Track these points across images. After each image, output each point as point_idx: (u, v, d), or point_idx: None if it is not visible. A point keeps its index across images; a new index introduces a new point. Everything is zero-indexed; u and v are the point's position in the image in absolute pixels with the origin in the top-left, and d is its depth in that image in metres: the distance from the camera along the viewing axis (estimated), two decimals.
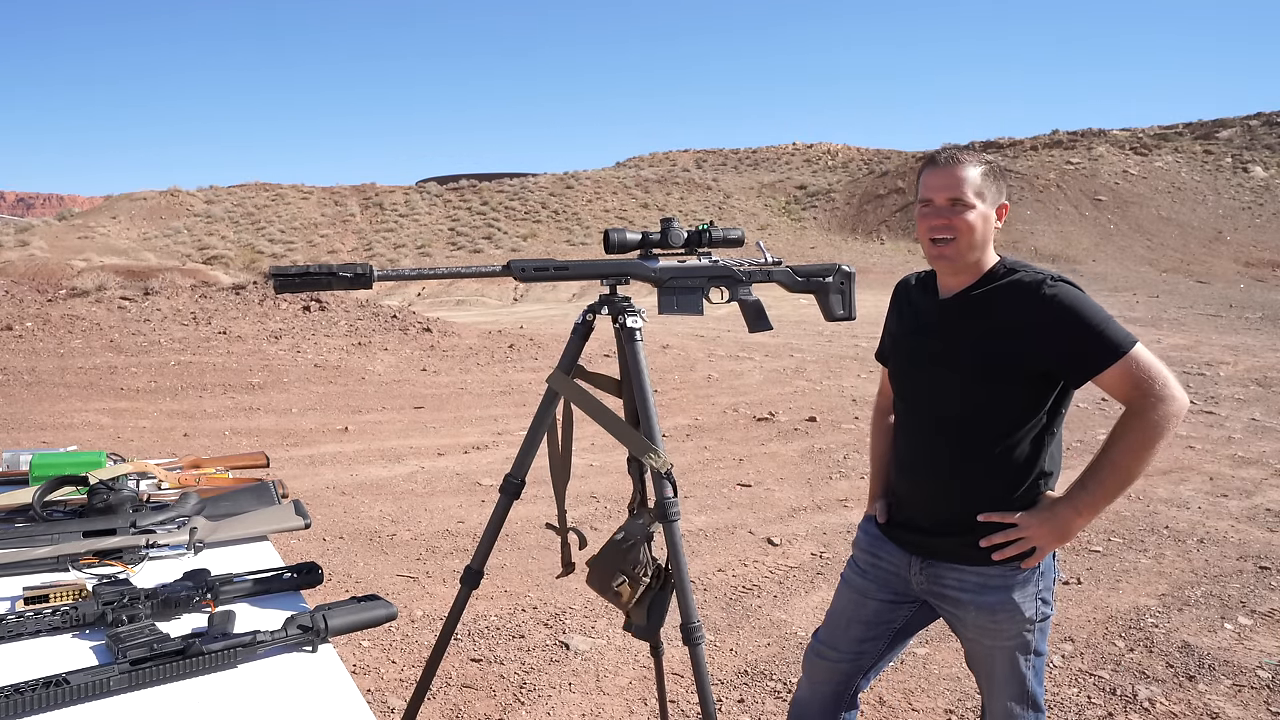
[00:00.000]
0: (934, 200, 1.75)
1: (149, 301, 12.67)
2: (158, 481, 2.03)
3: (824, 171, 44.03)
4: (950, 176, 1.74)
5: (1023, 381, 1.72)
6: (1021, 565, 1.75)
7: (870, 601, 1.99)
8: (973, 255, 1.76)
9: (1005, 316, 1.72)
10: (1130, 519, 5.08)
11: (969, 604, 1.81)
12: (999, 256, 1.81)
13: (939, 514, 1.84)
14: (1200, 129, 40.10)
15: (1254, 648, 3.51)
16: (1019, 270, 1.76)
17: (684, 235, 2.00)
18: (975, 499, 1.77)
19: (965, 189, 1.72)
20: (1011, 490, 1.76)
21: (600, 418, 1.98)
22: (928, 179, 1.78)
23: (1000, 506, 1.76)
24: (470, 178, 40.77)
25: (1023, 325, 1.69)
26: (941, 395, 1.81)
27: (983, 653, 1.87)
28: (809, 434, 7.15)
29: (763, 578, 4.21)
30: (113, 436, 6.61)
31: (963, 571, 1.82)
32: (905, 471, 1.94)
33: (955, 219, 1.73)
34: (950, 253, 1.75)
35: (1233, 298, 19.93)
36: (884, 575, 1.96)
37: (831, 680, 2.07)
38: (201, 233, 30.82)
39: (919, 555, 1.89)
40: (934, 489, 1.84)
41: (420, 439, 6.89)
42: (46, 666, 1.20)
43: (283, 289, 1.76)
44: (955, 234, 1.73)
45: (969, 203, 1.72)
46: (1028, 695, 1.85)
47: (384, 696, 3.06)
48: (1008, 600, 1.77)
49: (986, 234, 1.76)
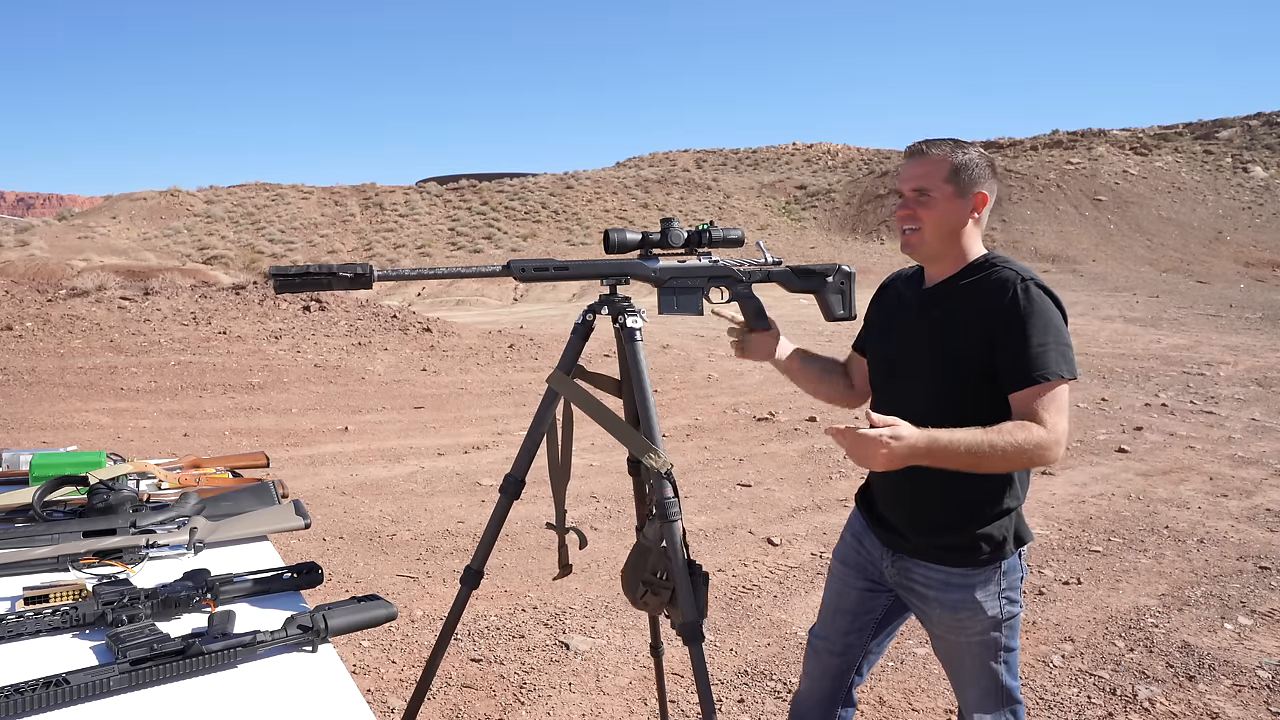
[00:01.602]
0: (903, 190, 1.78)
1: (149, 301, 12.67)
2: (158, 481, 2.02)
3: (824, 171, 44.04)
4: (917, 167, 1.76)
5: (989, 378, 1.69)
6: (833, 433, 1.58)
7: (851, 590, 2.01)
8: (940, 245, 1.76)
9: (975, 309, 1.71)
10: (1130, 519, 5.08)
11: (934, 601, 1.83)
12: (986, 251, 1.80)
13: (908, 510, 1.85)
14: (1200, 129, 40.12)
15: (1254, 648, 3.51)
16: (999, 265, 1.75)
17: (684, 235, 2.00)
18: (938, 497, 1.77)
19: (929, 179, 1.73)
20: (975, 490, 1.74)
21: (600, 418, 1.98)
22: (902, 170, 1.81)
23: (965, 507, 1.76)
24: (470, 178, 40.78)
25: (987, 320, 1.68)
26: (911, 387, 1.80)
27: (949, 648, 1.89)
28: (809, 434, 7.15)
29: (763, 578, 4.22)
30: (113, 436, 6.61)
31: (928, 569, 1.83)
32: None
33: (919, 209, 1.75)
34: (915, 241, 1.77)
35: (1233, 298, 19.92)
36: (863, 563, 2.00)
37: (826, 675, 2.09)
38: (201, 233, 30.83)
39: (889, 549, 1.92)
40: (900, 485, 1.83)
41: (420, 439, 6.89)
42: (46, 666, 1.20)
43: (283, 289, 1.76)
44: (919, 223, 1.75)
45: (932, 193, 1.73)
46: (1000, 690, 1.85)
47: (384, 696, 3.06)
48: (970, 599, 1.78)
49: (955, 224, 1.75)
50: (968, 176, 1.74)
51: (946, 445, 1.57)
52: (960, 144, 1.77)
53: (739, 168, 49.66)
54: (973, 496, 1.75)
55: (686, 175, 41.25)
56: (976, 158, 1.76)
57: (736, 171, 47.55)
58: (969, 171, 1.74)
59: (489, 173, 42.64)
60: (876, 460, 1.55)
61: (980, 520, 1.78)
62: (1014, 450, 1.58)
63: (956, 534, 1.78)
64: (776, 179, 41.38)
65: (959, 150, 1.75)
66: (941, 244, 1.76)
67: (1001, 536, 1.79)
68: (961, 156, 1.74)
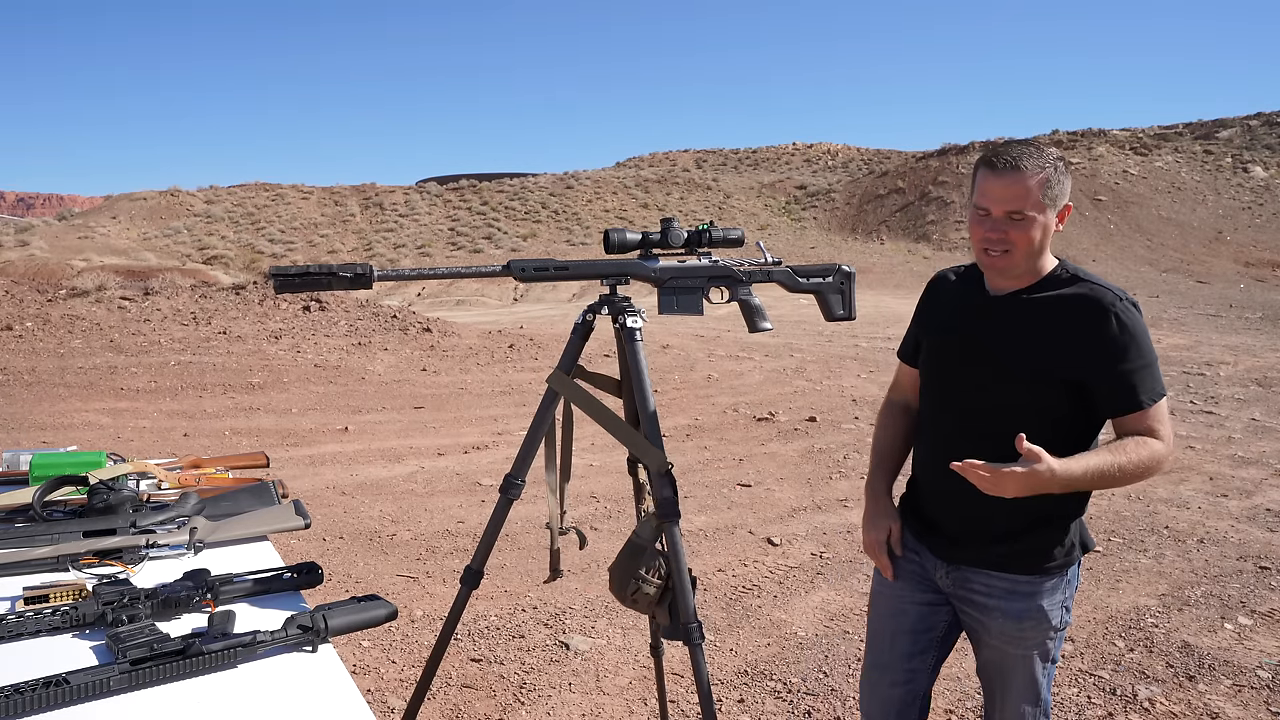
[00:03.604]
0: (991, 211, 1.63)
1: (149, 301, 12.67)
2: (158, 481, 2.03)
3: (824, 171, 44.06)
4: (1011, 187, 1.60)
5: (1067, 390, 1.64)
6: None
7: (910, 607, 1.90)
8: (1029, 265, 1.67)
9: (1064, 327, 1.62)
10: (1130, 519, 5.08)
11: (995, 610, 1.75)
12: (1057, 259, 1.71)
13: (968, 518, 1.76)
14: (1200, 129, 40.11)
15: (1254, 648, 3.51)
16: (1084, 279, 1.66)
17: (684, 235, 2.00)
18: (1008, 503, 1.64)
19: (1026, 202, 1.59)
20: (1043, 498, 1.63)
21: (600, 418, 1.98)
22: (985, 185, 1.64)
23: (1032, 514, 1.67)
24: (470, 178, 40.81)
25: (1082, 342, 1.61)
26: (981, 395, 1.71)
27: (1001, 660, 1.81)
28: (809, 434, 7.15)
29: (763, 578, 4.21)
30: (113, 436, 6.61)
31: (990, 577, 1.75)
32: (932, 473, 1.83)
33: (1013, 233, 1.62)
34: (1004, 265, 1.66)
35: (1233, 298, 19.92)
36: (922, 574, 1.89)
37: (890, 712, 1.95)
38: (201, 233, 30.84)
39: (944, 560, 1.83)
40: (962, 492, 1.69)
41: (420, 439, 6.89)
42: (46, 666, 1.20)
43: (283, 289, 1.76)
44: (1011, 247, 1.63)
45: (1029, 216, 1.60)
46: (1041, 702, 1.82)
47: (384, 696, 3.06)
48: (1036, 608, 1.72)
49: (1045, 243, 1.65)
50: (1059, 190, 1.62)
51: (1081, 476, 1.54)
52: (1045, 151, 1.62)
53: (739, 168, 49.67)
54: (1043, 502, 1.64)
55: (686, 175, 41.27)
56: (1062, 166, 1.63)
57: (736, 171, 47.56)
58: (1060, 185, 1.62)
59: (489, 173, 42.69)
60: (1009, 492, 1.53)
61: (1050, 526, 1.72)
62: (1138, 467, 1.57)
63: (1026, 541, 1.71)
64: (776, 179, 41.39)
65: (1049, 163, 1.61)
66: (1029, 262, 1.66)
67: (1071, 543, 1.74)
68: (1053, 171, 1.60)
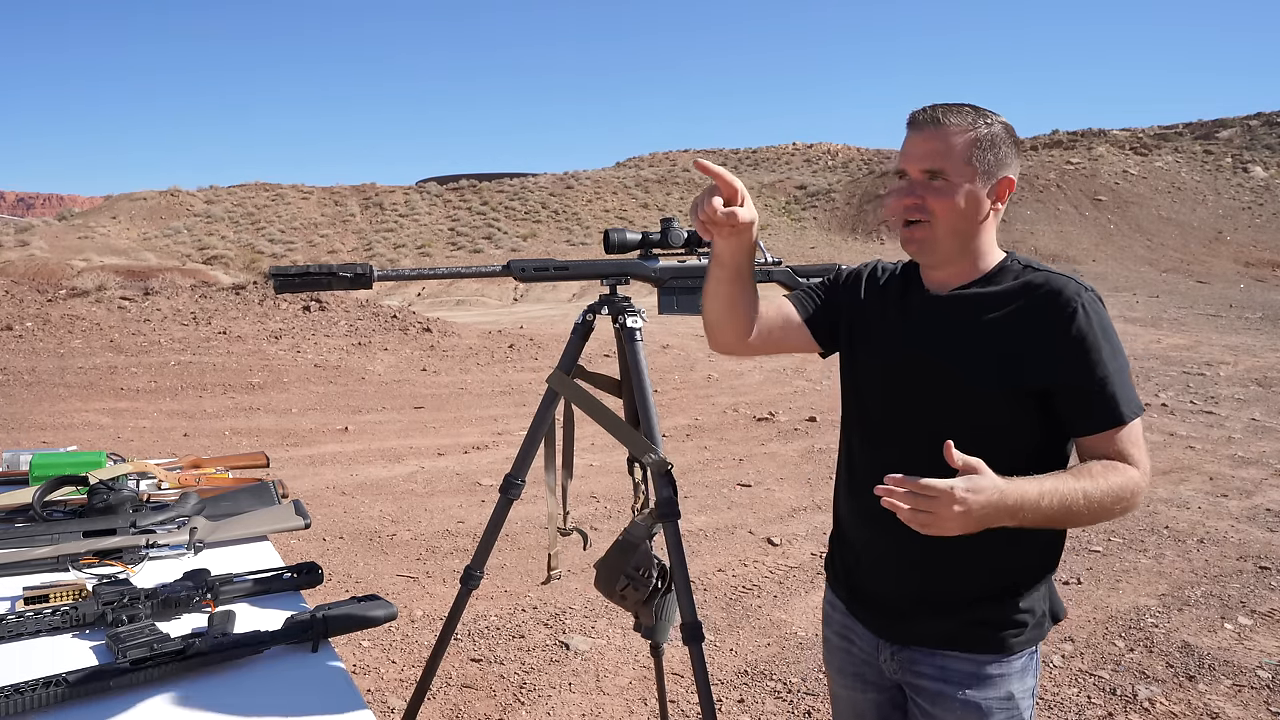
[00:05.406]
0: (907, 170, 1.35)
1: (149, 301, 12.67)
2: (158, 481, 2.03)
3: (824, 171, 44.04)
4: (928, 141, 1.32)
5: (1036, 404, 1.32)
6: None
7: (868, 708, 1.54)
8: (953, 243, 1.35)
9: (1024, 321, 1.31)
10: (1130, 519, 5.08)
11: (953, 701, 1.38)
12: (1005, 251, 1.41)
13: (912, 581, 1.40)
14: (1200, 129, 40.12)
15: (1254, 648, 3.51)
16: (1040, 269, 1.37)
17: (684, 235, 2.00)
18: (963, 562, 1.34)
19: (945, 159, 1.31)
20: (1010, 550, 1.32)
21: (600, 418, 1.98)
22: (905, 143, 1.36)
23: (1000, 576, 1.37)
24: (470, 178, 40.80)
25: (1044, 344, 1.30)
26: (930, 418, 1.34)
27: None
28: (809, 434, 7.15)
29: (763, 578, 4.22)
30: (113, 436, 6.61)
31: (944, 658, 1.39)
32: (864, 524, 1.46)
33: (930, 197, 1.32)
34: (921, 236, 1.35)
35: (1233, 298, 19.91)
36: (859, 668, 1.52)
37: None
38: (201, 233, 30.83)
39: (886, 639, 1.46)
40: (904, 549, 1.35)
41: (420, 439, 6.89)
42: (46, 666, 1.20)
43: (283, 289, 1.76)
44: (928, 215, 1.33)
45: (951, 181, 1.32)
46: None
47: (384, 696, 3.06)
48: (1003, 696, 1.37)
49: (975, 217, 1.34)
50: (994, 156, 1.32)
51: (1037, 501, 1.19)
52: (982, 112, 1.34)
53: (739, 168, 49.63)
54: (1007, 559, 1.34)
55: (686, 175, 41.23)
56: (1002, 131, 1.34)
57: (736, 171, 47.35)
58: (996, 150, 1.33)
59: (489, 173, 42.69)
60: (948, 523, 1.14)
61: (1016, 591, 1.37)
62: (1110, 498, 1.23)
63: (985, 609, 1.37)
64: (776, 179, 41.38)
65: (983, 120, 1.33)
66: (956, 242, 1.35)
67: (1041, 611, 1.39)
68: (986, 129, 1.32)
